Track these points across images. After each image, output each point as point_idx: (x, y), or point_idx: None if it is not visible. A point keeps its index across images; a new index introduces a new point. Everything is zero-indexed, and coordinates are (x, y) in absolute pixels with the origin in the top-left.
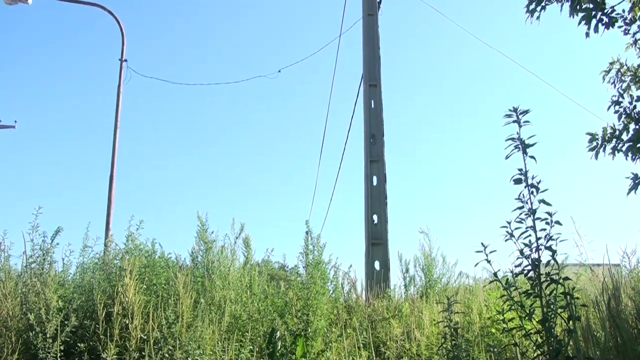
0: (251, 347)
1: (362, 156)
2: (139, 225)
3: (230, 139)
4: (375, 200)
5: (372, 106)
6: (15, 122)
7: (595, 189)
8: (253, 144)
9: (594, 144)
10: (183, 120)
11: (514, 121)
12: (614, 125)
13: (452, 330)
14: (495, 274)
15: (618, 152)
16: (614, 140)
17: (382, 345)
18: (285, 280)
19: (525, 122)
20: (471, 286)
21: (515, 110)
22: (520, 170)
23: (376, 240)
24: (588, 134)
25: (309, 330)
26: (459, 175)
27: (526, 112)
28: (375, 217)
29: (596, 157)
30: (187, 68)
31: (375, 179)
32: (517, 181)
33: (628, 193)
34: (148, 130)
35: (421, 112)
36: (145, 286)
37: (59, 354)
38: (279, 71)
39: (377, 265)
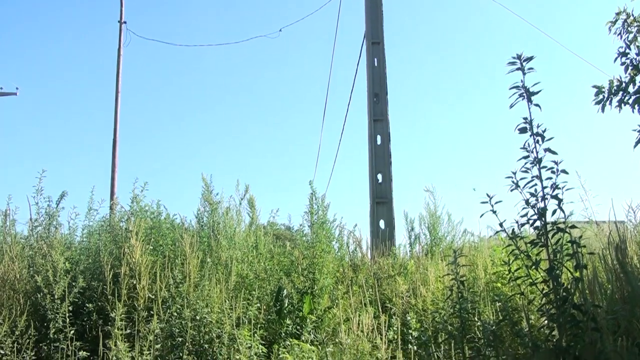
0: (259, 305)
1: (366, 115)
2: (144, 187)
3: (232, 100)
4: (380, 159)
5: (375, 64)
6: (17, 89)
7: (601, 145)
8: (255, 106)
9: (600, 97)
10: (185, 83)
11: (517, 68)
12: (621, 78)
13: (458, 282)
14: (501, 224)
15: (624, 105)
16: (621, 92)
17: (388, 302)
18: (290, 240)
19: (529, 69)
20: (476, 243)
21: (519, 57)
22: (525, 119)
23: (381, 199)
24: (594, 86)
25: (316, 288)
26: (464, 133)
27: (530, 59)
28: (379, 176)
29: (602, 111)
30: (187, 29)
31: (379, 138)
32: (522, 130)
33: (635, 146)
34: (150, 94)
35: (425, 69)
36: (151, 247)
37: (67, 315)
38: (280, 30)
39: (382, 224)
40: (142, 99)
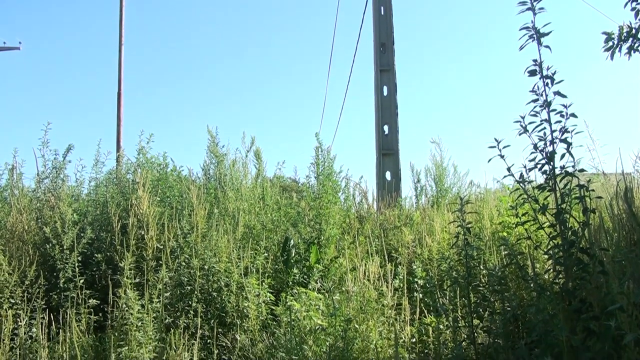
0: (266, 254)
1: (372, 66)
2: (149, 139)
3: (237, 53)
4: (386, 110)
5: (382, 13)
6: (20, 43)
7: (609, 95)
8: (261, 58)
9: (610, 43)
10: (189, 35)
11: (528, 9)
12: (631, 24)
13: (465, 229)
14: (508, 169)
15: (634, 52)
16: (631, 39)
17: (394, 252)
18: (297, 191)
19: (540, 9)
20: (482, 194)
21: None
22: (534, 61)
23: (387, 151)
24: (604, 33)
25: (322, 238)
26: (472, 84)
27: None
28: (385, 128)
29: (612, 58)
30: None
31: (385, 89)
32: (532, 72)
33: None
34: (155, 47)
35: (433, 18)
36: (158, 199)
37: (76, 264)
38: None
39: (388, 175)
40: (146, 52)
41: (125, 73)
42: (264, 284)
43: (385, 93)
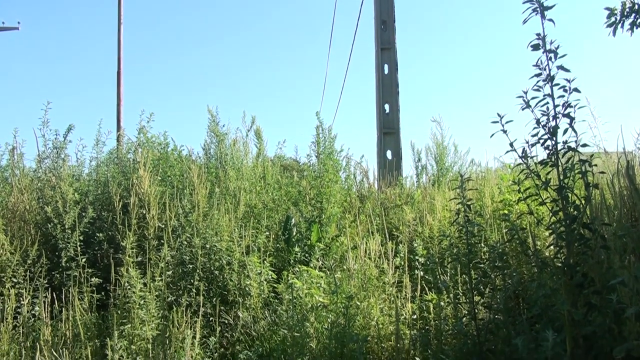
0: (267, 233)
1: (373, 44)
2: (150, 118)
3: (238, 32)
4: (387, 89)
5: None
6: (19, 23)
7: (611, 72)
8: (261, 38)
9: (612, 19)
10: (189, 13)
11: None
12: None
13: (465, 206)
14: (511, 144)
15: (637, 28)
16: (633, 15)
17: (394, 230)
18: (298, 171)
19: None
20: (483, 173)
21: None
22: (538, 35)
23: (388, 130)
24: (606, 9)
25: (323, 217)
26: (472, 63)
27: None
28: (386, 107)
29: (614, 34)
30: None
31: (386, 67)
32: (535, 47)
33: None
34: (155, 25)
35: None
36: (159, 178)
37: (78, 244)
38: None
39: (389, 154)
40: (146, 31)
41: (125, 52)
42: (265, 262)
43: (386, 71)
